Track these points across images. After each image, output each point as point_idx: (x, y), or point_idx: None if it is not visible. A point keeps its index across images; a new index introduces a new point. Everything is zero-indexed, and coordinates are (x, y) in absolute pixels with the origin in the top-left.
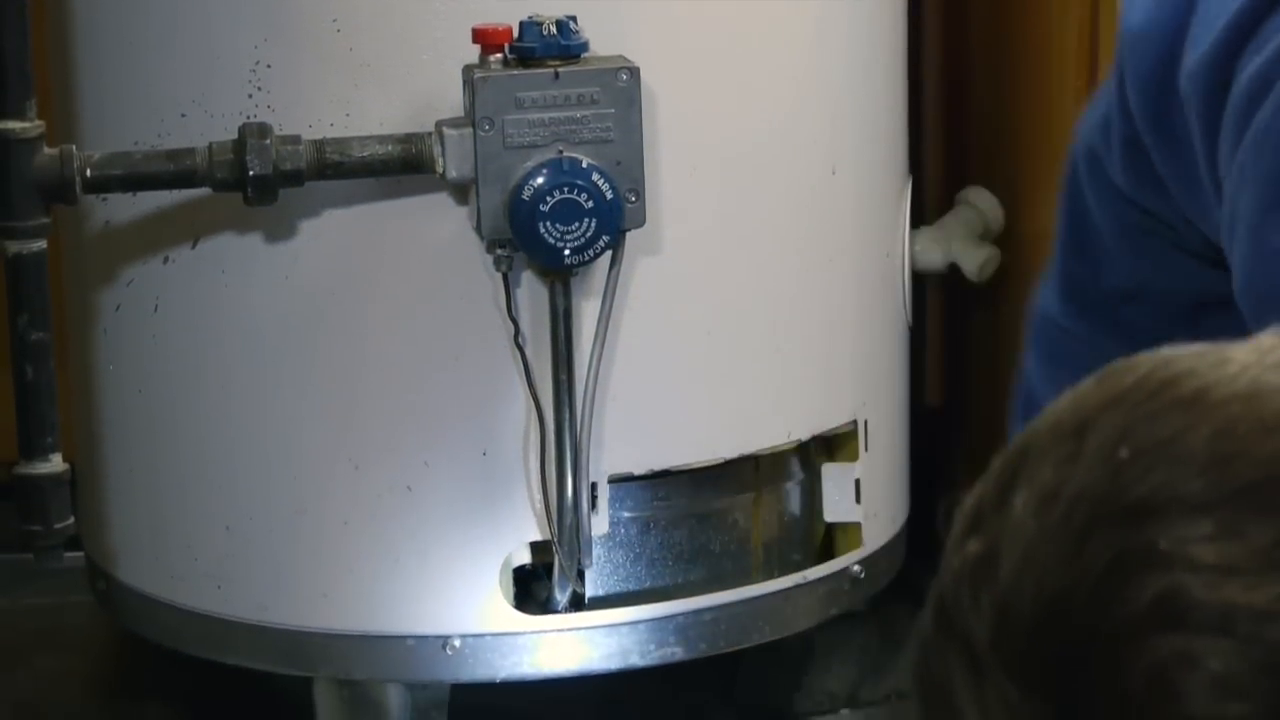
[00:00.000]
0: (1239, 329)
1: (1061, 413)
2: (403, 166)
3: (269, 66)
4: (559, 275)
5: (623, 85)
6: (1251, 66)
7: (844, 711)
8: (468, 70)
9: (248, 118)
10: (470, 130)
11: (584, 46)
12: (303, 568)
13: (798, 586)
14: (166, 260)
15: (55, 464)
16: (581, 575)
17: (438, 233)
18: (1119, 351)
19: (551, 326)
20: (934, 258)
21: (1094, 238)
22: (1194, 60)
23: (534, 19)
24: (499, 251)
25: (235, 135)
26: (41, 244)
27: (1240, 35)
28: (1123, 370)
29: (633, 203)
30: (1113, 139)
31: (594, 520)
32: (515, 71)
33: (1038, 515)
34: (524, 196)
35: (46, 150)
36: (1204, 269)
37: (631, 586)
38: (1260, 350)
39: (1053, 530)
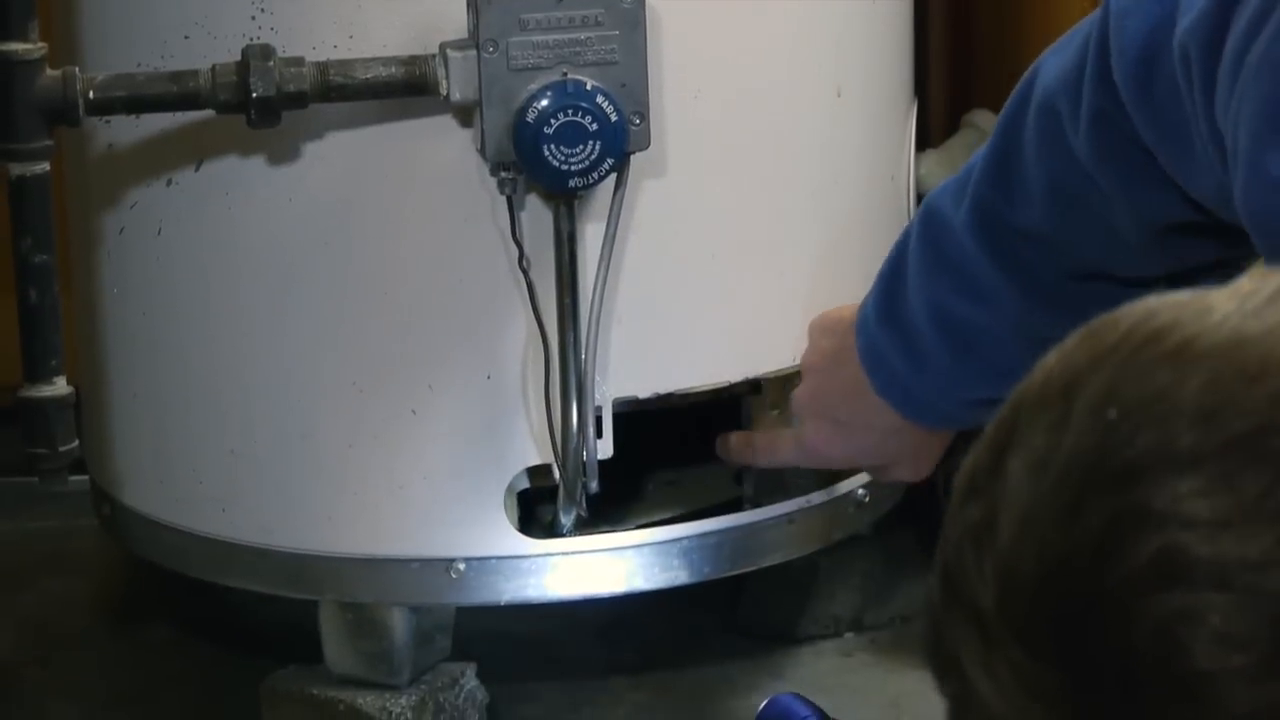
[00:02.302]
0: (1115, 300)
1: (1050, 373)
2: (406, 89)
3: None
4: (563, 198)
5: (627, 7)
6: (1249, 9)
7: (848, 635)
8: None
9: (251, 39)
10: (474, 52)
11: None
12: (307, 491)
13: (802, 510)
14: (170, 183)
15: (60, 387)
16: (586, 498)
17: (441, 155)
18: (1009, 288)
19: (556, 250)
20: (939, 180)
21: (1019, 179)
22: (1192, 16)
23: None
24: (503, 174)
25: (238, 57)
26: (44, 166)
27: None
28: (1107, 326)
29: (637, 125)
30: (1082, 111)
31: (598, 444)
32: None
33: (1032, 480)
34: (528, 119)
35: (49, 72)
36: (1116, 246)
37: None
38: (1240, 296)
39: (1047, 495)
